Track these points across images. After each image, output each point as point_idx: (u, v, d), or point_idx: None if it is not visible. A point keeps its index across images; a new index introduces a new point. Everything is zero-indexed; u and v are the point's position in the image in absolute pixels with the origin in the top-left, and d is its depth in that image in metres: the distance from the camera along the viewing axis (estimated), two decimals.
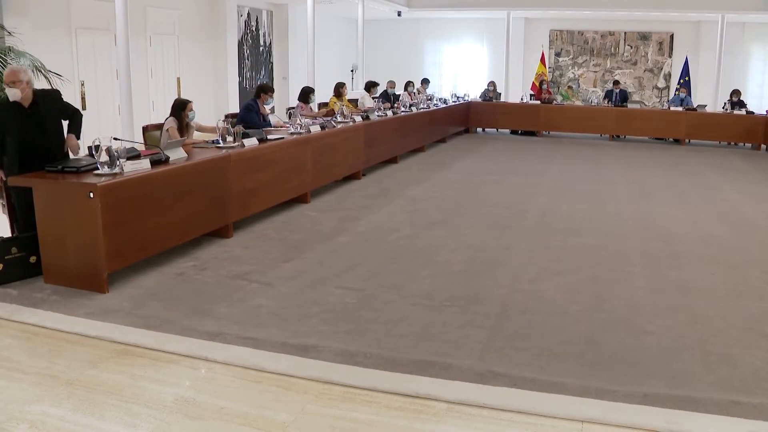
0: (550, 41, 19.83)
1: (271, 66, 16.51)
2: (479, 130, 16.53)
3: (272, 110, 9.09)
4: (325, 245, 6.13)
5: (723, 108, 15.66)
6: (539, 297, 4.95)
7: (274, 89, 9.13)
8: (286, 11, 16.60)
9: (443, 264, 5.65)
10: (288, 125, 8.16)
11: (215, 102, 13.59)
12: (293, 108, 8.82)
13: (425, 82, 15.37)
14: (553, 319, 4.53)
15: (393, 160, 10.88)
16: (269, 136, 7.30)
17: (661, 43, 19.41)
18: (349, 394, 3.47)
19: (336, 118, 9.36)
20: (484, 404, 3.40)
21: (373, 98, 12.16)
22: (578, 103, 16.66)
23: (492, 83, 16.65)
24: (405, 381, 3.60)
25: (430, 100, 14.08)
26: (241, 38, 15.13)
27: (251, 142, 6.80)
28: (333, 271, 5.39)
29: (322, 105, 11.16)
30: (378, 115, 10.44)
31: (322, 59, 15.70)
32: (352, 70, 18.01)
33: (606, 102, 16.24)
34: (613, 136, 15.87)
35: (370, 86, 12.52)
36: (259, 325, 4.28)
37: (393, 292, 4.94)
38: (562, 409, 3.38)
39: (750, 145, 15.19)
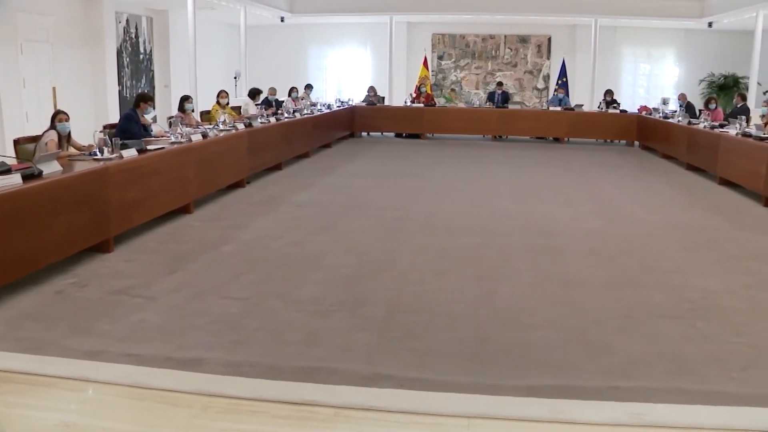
0: (432, 45, 20.12)
1: (152, 74, 16.12)
2: (364, 134, 16.64)
3: (154, 119, 8.88)
4: (209, 255, 6.03)
5: (598, 107, 16.39)
6: (425, 297, 5.03)
7: (153, 98, 8.94)
8: (167, 17, 16.23)
9: (329, 269, 5.66)
10: (169, 134, 8.00)
11: (94, 112, 13.12)
12: (173, 117, 8.66)
13: (309, 87, 15.34)
14: (440, 319, 4.60)
15: (278, 167, 10.81)
16: (149, 147, 7.13)
17: (539, 46, 20.03)
18: (235, 405, 3.42)
19: (218, 125, 9.23)
20: (371, 407, 3.41)
21: (256, 105, 12.06)
22: (461, 105, 16.99)
23: (372, 88, 16.80)
24: (291, 388, 3.57)
25: (314, 105, 14.08)
26: (120, 45, 14.69)
27: (130, 153, 6.62)
28: (218, 281, 5.31)
29: (204, 113, 10.99)
30: (261, 122, 10.37)
31: (205, 66, 15.44)
32: (235, 77, 17.81)
33: (488, 103, 16.64)
34: (495, 137, 16.29)
35: (254, 93, 12.42)
36: (142, 340, 4.17)
37: (279, 299, 4.91)
38: (449, 406, 3.43)
39: (624, 142, 15.96)
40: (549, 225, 7.43)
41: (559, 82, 17.88)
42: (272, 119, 10.99)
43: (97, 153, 6.36)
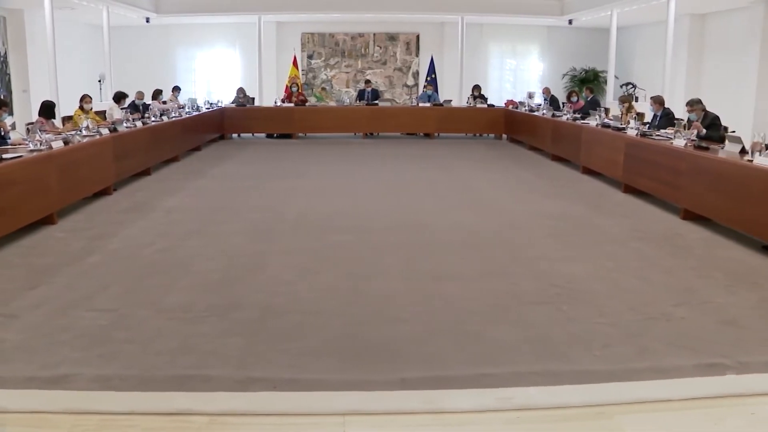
0: (302, 44, 20.05)
1: (8, 78, 15.33)
2: (235, 135, 16.42)
3: (13, 126, 8.46)
4: (74, 267, 5.79)
5: (467, 102, 16.80)
6: (298, 297, 5.03)
7: (8, 104, 8.53)
8: (22, 17, 15.42)
9: (200, 274, 5.56)
10: (27, 142, 7.65)
11: None
12: (32, 123, 8.28)
13: (176, 89, 15.01)
14: (313, 318, 4.61)
15: (146, 172, 10.51)
16: (5, 156, 6.80)
17: (408, 44, 20.29)
18: (106, 421, 3.31)
19: (80, 131, 8.90)
20: (246, 411, 3.39)
21: (122, 109, 11.69)
22: (332, 103, 17.03)
23: (241, 89, 16.60)
24: (163, 399, 3.50)
25: (182, 107, 13.79)
26: None
27: None
28: (84, 293, 5.11)
29: (66, 119, 10.57)
30: (127, 127, 10.07)
31: (66, 69, 14.86)
32: (99, 81, 17.19)
33: (358, 101, 16.75)
34: (366, 134, 16.41)
35: (119, 97, 12.02)
36: (2, 362, 3.96)
37: (148, 308, 4.79)
38: (323, 405, 3.44)
39: (492, 135, 16.45)
40: (420, 219, 7.57)
41: (428, 78, 18.25)
42: (139, 123, 10.70)
43: None
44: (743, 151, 7.14)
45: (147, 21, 17.54)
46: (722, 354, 4.08)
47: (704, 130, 8.48)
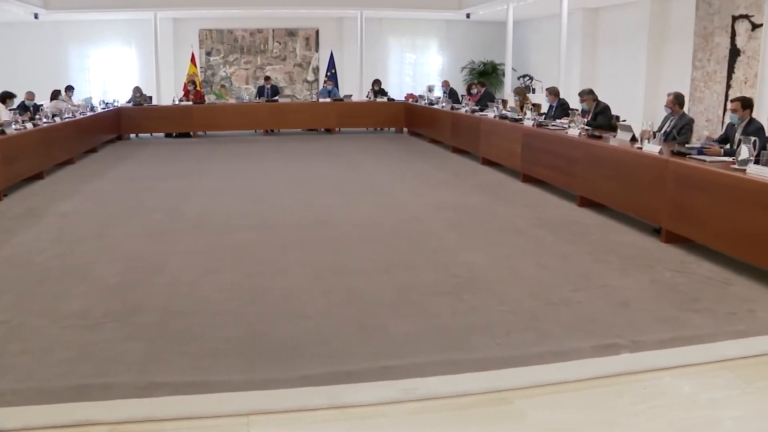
0: (200, 41, 19.70)
1: None
2: (133, 136, 16.00)
3: None
4: None
5: (367, 97, 16.86)
6: (199, 298, 4.95)
7: None
8: None
9: (98, 279, 5.40)
10: None
11: None
12: None
13: (69, 89, 14.50)
14: (215, 318, 4.55)
15: (39, 176, 10.11)
16: None
17: (308, 39, 20.20)
18: None
19: None
20: (148, 417, 3.32)
21: (9, 110, 11.21)
22: (231, 101, 16.80)
23: (138, 88, 16.18)
24: (62, 411, 3.37)
25: (76, 108, 13.34)
26: None
27: None
28: None
29: None
30: (16, 129, 9.68)
31: None
32: None
33: (258, 98, 16.59)
34: (267, 131, 16.27)
35: (5, 97, 11.52)
36: None
37: (44, 317, 4.61)
38: (227, 406, 3.41)
39: (393, 129, 16.57)
40: (321, 215, 7.56)
41: (328, 74, 18.23)
42: (29, 125, 10.30)
43: None
44: (633, 139, 7.41)
45: (36, 17, 16.82)
46: (617, 334, 4.25)
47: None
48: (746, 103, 6.59)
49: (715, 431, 3.24)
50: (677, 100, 7.57)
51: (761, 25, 9.42)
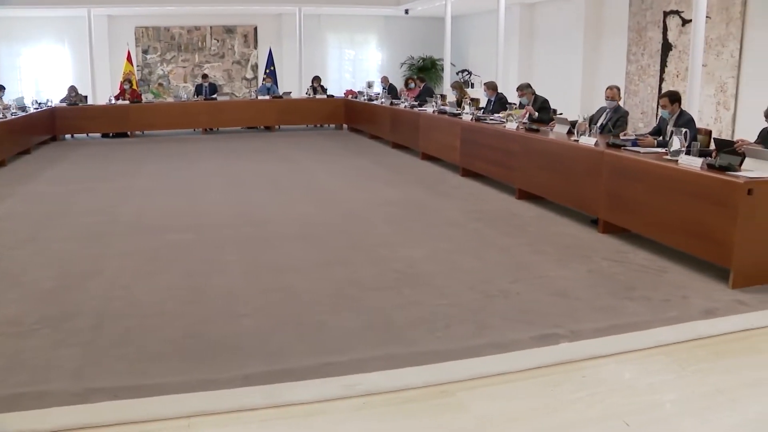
0: (136, 39, 19.33)
1: None
2: (68, 136, 15.64)
3: None
4: None
5: (306, 94, 16.78)
6: (135, 301, 4.86)
7: None
8: None
9: (30, 284, 5.24)
10: None
11: None
12: None
13: (0, 89, 14.12)
14: (152, 321, 4.47)
15: None
16: None
17: (246, 36, 20.01)
18: None
19: None
20: (85, 425, 3.24)
21: None
22: (169, 99, 16.53)
23: (72, 87, 15.81)
24: None
25: (7, 108, 12.98)
26: None
27: None
28: None
29: None
30: None
31: None
32: None
33: (196, 96, 16.38)
34: (206, 130, 16.08)
35: None
36: None
37: None
38: (166, 409, 3.35)
39: (333, 125, 16.55)
40: (260, 214, 7.50)
41: (267, 71, 18.09)
42: None
43: None
44: (570, 132, 7.51)
45: None
46: (556, 324, 4.32)
47: (536, 113, 8.89)
48: (673, 98, 6.76)
49: (653, 415, 3.30)
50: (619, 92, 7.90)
51: (691, 20, 9.64)
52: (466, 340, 4.10)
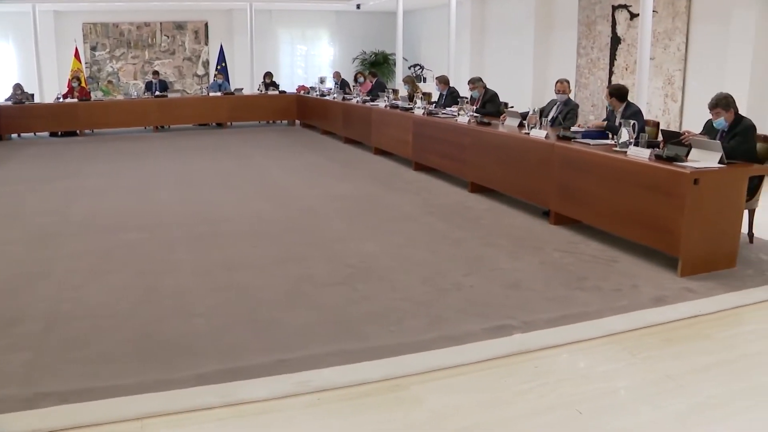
0: (84, 35, 18.99)
1: None
2: (14, 136, 15.31)
3: None
4: None
5: (258, 90, 16.69)
6: (87, 302, 4.79)
7: None
8: None
9: None
10: None
11: None
12: None
13: None
14: (104, 322, 4.41)
15: None
16: None
17: (197, 32, 19.79)
18: None
19: None
20: (35, 430, 3.18)
21: None
22: (119, 97, 16.30)
23: (18, 86, 15.46)
24: None
25: None
26: None
27: None
28: None
29: None
30: None
31: None
32: None
33: (146, 93, 16.18)
34: (157, 127, 15.89)
35: None
36: None
37: None
38: (118, 411, 3.32)
39: (286, 121, 16.49)
40: (213, 212, 7.45)
41: (218, 67, 17.94)
42: None
43: None
44: (521, 125, 7.58)
45: None
46: (509, 316, 4.37)
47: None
48: (621, 96, 6.90)
49: (605, 402, 3.36)
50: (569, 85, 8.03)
51: (638, 14, 9.80)
52: (419, 334, 4.12)
